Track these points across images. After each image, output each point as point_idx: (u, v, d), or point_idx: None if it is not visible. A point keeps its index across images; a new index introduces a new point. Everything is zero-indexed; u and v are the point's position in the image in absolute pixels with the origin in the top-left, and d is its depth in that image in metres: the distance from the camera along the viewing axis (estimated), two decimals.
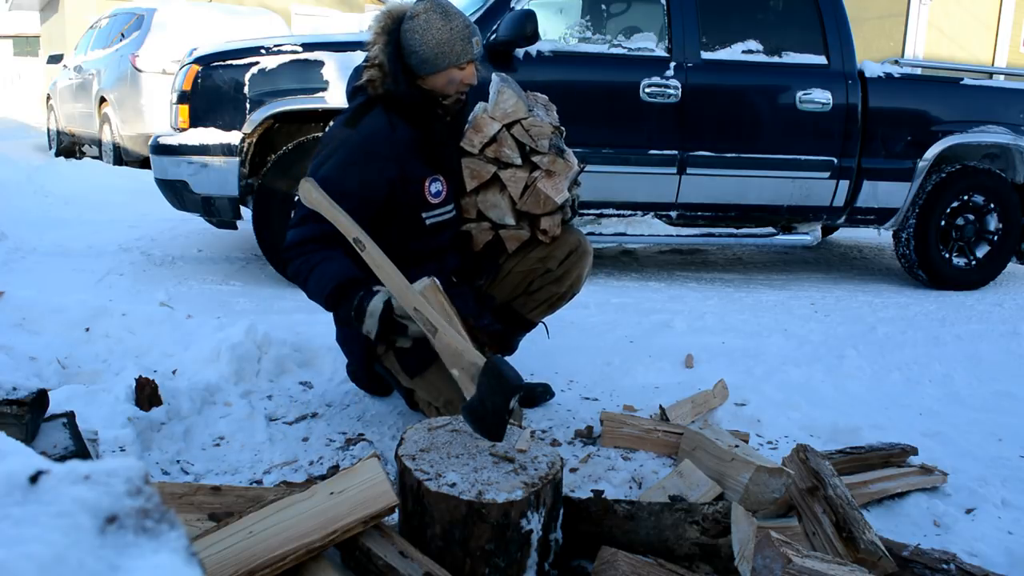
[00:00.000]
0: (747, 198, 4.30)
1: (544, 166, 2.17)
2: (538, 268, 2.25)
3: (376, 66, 2.06)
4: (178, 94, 3.72)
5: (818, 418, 2.40)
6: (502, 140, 2.16)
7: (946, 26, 12.78)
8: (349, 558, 1.37)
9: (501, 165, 2.17)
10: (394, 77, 2.04)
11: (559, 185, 2.18)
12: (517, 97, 2.17)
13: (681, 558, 1.42)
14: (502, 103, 2.17)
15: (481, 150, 2.17)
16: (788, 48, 4.27)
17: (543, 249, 2.24)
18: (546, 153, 2.16)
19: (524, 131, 2.16)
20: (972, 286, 4.67)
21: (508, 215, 2.20)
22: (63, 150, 9.49)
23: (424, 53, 2.03)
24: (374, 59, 2.06)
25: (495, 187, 2.20)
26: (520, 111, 2.16)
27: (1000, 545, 1.75)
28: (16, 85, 19.84)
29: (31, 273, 3.74)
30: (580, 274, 2.30)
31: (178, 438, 2.03)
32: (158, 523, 0.62)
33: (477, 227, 2.24)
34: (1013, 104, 4.60)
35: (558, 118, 2.33)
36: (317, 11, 16.28)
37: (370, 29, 2.09)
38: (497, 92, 2.18)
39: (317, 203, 2.09)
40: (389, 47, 2.04)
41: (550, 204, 2.16)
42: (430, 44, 2.02)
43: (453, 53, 2.03)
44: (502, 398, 1.49)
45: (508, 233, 2.23)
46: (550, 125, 2.19)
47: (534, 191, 2.16)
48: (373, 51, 2.07)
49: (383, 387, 2.39)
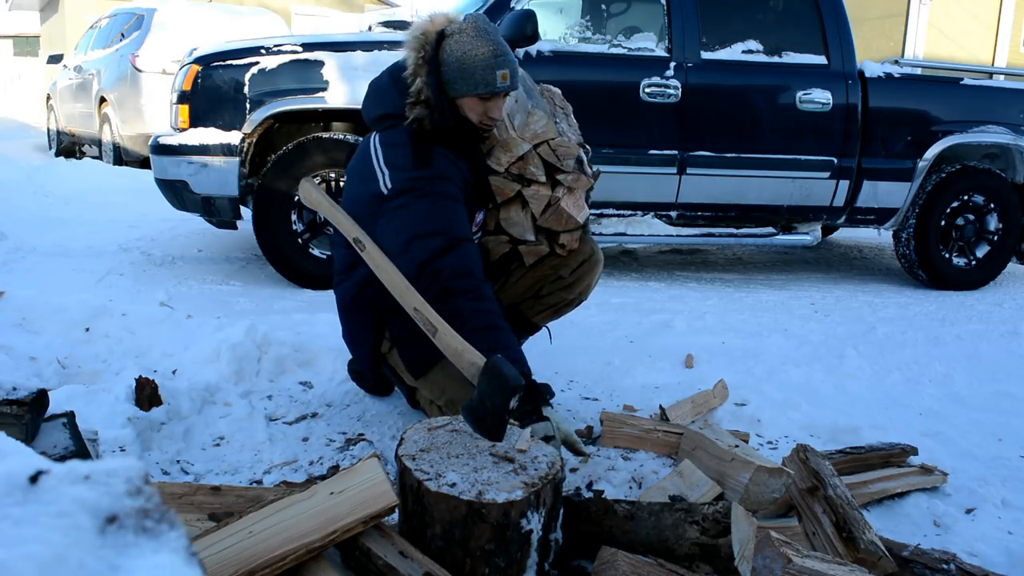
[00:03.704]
0: (747, 198, 4.30)
1: (567, 183, 2.16)
2: (550, 275, 2.26)
3: (422, 103, 1.94)
4: (178, 94, 3.72)
5: (818, 418, 2.40)
6: (528, 158, 2.14)
7: (946, 26, 12.78)
8: (349, 558, 1.37)
9: (525, 182, 2.16)
10: (442, 112, 1.94)
11: (580, 202, 2.18)
12: (548, 118, 2.15)
13: (681, 558, 1.42)
14: (533, 124, 2.13)
15: (507, 168, 2.15)
16: (788, 48, 4.27)
17: (557, 258, 2.25)
18: (570, 172, 2.16)
19: (551, 151, 2.14)
20: (972, 286, 4.67)
21: (528, 232, 2.19)
22: (63, 150, 9.49)
23: (448, 74, 1.94)
24: (418, 94, 1.94)
25: (517, 204, 2.18)
26: (550, 132, 2.14)
27: (1000, 545, 1.75)
28: (16, 85, 19.83)
29: (31, 273, 3.74)
30: (590, 283, 2.32)
31: (178, 438, 2.03)
32: (158, 523, 0.62)
33: (495, 240, 2.22)
34: (1013, 104, 4.60)
35: (577, 124, 2.32)
36: (317, 11, 16.29)
37: (408, 55, 1.96)
38: (528, 113, 2.15)
39: (317, 203, 2.10)
40: (432, 78, 1.93)
41: (572, 223, 2.17)
42: (453, 65, 1.93)
43: (472, 81, 1.93)
44: (502, 398, 1.49)
45: (527, 248, 2.22)
46: (576, 145, 2.18)
47: (556, 209, 2.16)
48: (416, 84, 1.94)
49: (385, 387, 2.39)
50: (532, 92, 2.25)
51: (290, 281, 3.80)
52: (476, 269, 1.90)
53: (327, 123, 3.93)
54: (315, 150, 3.67)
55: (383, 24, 5.36)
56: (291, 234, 3.74)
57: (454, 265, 1.85)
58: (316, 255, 3.78)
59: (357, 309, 2.13)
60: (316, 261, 3.77)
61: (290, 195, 3.65)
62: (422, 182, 1.92)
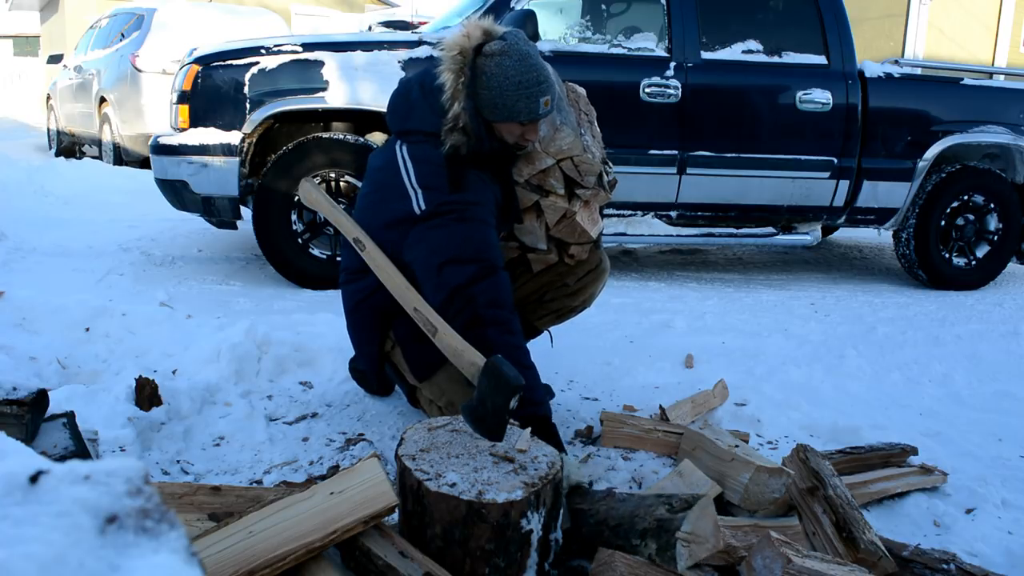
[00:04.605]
0: (747, 198, 4.30)
1: (585, 197, 2.16)
2: (555, 281, 2.26)
3: (460, 129, 1.88)
4: (178, 94, 3.72)
5: (818, 418, 2.40)
6: (550, 171, 2.13)
7: (946, 26, 12.78)
8: (349, 558, 1.37)
9: (543, 192, 2.15)
10: (478, 137, 1.89)
11: (595, 215, 2.18)
12: (575, 135, 2.13)
13: (640, 532, 1.41)
14: (559, 140, 2.11)
15: (527, 179, 2.14)
16: (788, 48, 4.27)
17: (564, 266, 2.25)
18: (590, 188, 2.16)
19: (574, 167, 2.13)
20: (972, 286, 4.67)
21: (541, 241, 2.19)
22: (63, 150, 9.49)
23: (488, 99, 1.87)
24: (456, 119, 1.87)
25: (532, 213, 2.17)
26: (575, 149, 2.12)
27: (1000, 545, 1.75)
28: (16, 85, 19.84)
29: (31, 273, 3.74)
30: (594, 292, 2.32)
31: (178, 438, 2.03)
32: (158, 523, 0.62)
33: (505, 246, 2.21)
34: (1013, 104, 4.60)
35: (600, 133, 2.31)
36: (317, 11, 16.30)
37: (445, 76, 1.88)
38: (555, 128, 2.12)
39: (317, 203, 2.10)
40: (470, 102, 1.86)
41: (585, 236, 2.17)
42: (495, 90, 1.85)
43: (515, 109, 1.87)
44: (502, 398, 1.49)
45: (536, 256, 2.22)
46: (599, 164, 2.18)
47: (571, 222, 2.15)
48: (454, 109, 1.86)
49: (386, 387, 2.39)
50: (562, 103, 2.19)
51: (290, 281, 3.80)
52: (508, 300, 1.88)
53: (327, 123, 3.93)
54: (315, 150, 3.67)
55: (383, 24, 5.37)
56: (291, 234, 3.74)
57: (489, 293, 1.83)
58: (316, 255, 3.78)
59: (363, 311, 2.12)
60: (316, 261, 3.77)
61: (290, 195, 3.65)
62: (459, 206, 1.88)
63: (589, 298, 2.33)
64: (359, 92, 3.70)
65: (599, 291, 2.34)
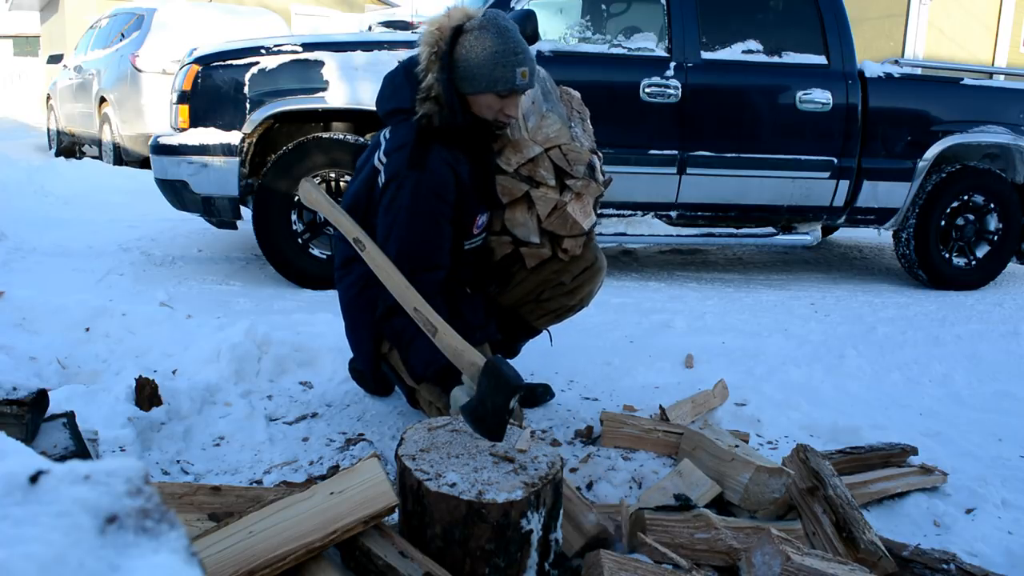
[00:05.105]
0: (747, 198, 4.30)
1: (576, 189, 2.16)
2: (551, 279, 2.26)
3: (432, 99, 1.92)
4: (178, 94, 3.72)
5: (818, 418, 2.40)
6: (539, 161, 2.13)
7: (946, 26, 12.78)
8: (349, 558, 1.37)
9: (533, 184, 2.15)
10: (451, 109, 1.92)
11: (588, 208, 2.18)
12: (562, 123, 2.14)
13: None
14: (545, 127, 2.12)
15: (516, 169, 2.15)
16: (788, 48, 4.27)
17: (559, 262, 2.25)
18: (580, 178, 2.16)
19: (562, 155, 2.13)
20: (972, 286, 4.67)
21: (533, 234, 2.18)
22: (63, 150, 9.49)
23: (465, 70, 1.91)
24: (429, 90, 1.92)
25: (523, 205, 2.17)
26: (563, 137, 2.13)
27: (1000, 545, 1.75)
28: (16, 85, 19.84)
29: (31, 273, 3.74)
30: (592, 290, 2.32)
31: (178, 438, 2.03)
32: (158, 523, 0.62)
33: (497, 240, 2.22)
34: (1013, 104, 4.60)
35: (592, 129, 2.31)
36: (317, 11, 16.30)
37: (420, 49, 1.94)
38: (542, 116, 2.14)
39: (317, 203, 2.09)
40: (443, 73, 1.90)
41: (577, 228, 2.16)
42: (472, 62, 1.90)
43: (492, 77, 1.90)
44: (502, 398, 1.49)
45: (529, 251, 2.22)
46: (588, 152, 2.18)
47: (562, 214, 2.15)
48: (427, 80, 1.92)
49: (385, 387, 2.39)
50: (549, 95, 2.23)
51: (290, 281, 3.80)
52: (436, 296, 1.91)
53: (327, 123, 3.93)
54: (315, 150, 3.67)
55: (383, 24, 5.36)
56: (291, 234, 3.74)
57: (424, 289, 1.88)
58: (316, 255, 3.78)
59: (359, 308, 2.12)
60: (316, 261, 3.77)
61: (290, 195, 3.65)
62: (412, 184, 1.94)
63: (587, 296, 2.32)
64: (359, 92, 3.70)
65: (596, 289, 2.34)
